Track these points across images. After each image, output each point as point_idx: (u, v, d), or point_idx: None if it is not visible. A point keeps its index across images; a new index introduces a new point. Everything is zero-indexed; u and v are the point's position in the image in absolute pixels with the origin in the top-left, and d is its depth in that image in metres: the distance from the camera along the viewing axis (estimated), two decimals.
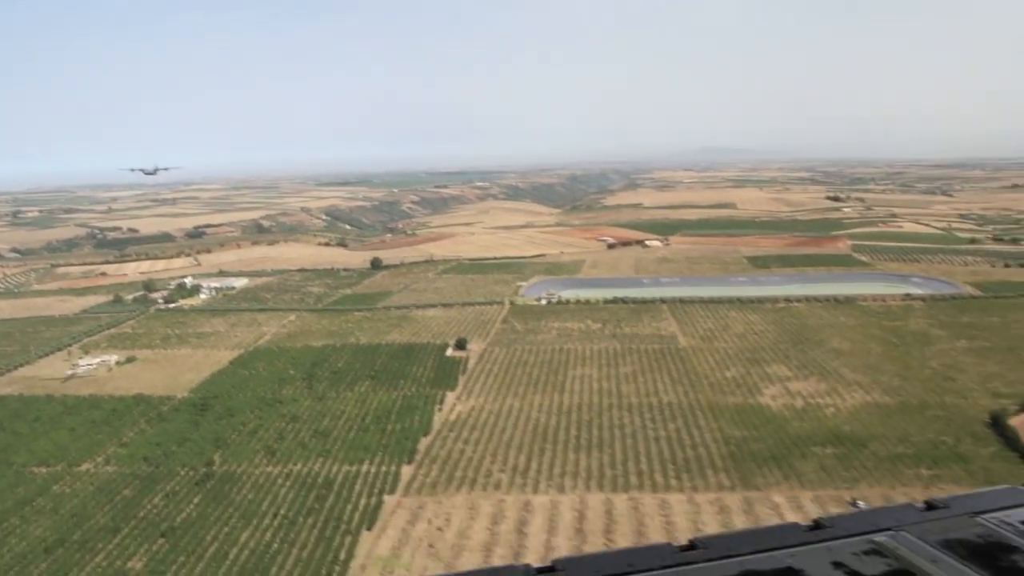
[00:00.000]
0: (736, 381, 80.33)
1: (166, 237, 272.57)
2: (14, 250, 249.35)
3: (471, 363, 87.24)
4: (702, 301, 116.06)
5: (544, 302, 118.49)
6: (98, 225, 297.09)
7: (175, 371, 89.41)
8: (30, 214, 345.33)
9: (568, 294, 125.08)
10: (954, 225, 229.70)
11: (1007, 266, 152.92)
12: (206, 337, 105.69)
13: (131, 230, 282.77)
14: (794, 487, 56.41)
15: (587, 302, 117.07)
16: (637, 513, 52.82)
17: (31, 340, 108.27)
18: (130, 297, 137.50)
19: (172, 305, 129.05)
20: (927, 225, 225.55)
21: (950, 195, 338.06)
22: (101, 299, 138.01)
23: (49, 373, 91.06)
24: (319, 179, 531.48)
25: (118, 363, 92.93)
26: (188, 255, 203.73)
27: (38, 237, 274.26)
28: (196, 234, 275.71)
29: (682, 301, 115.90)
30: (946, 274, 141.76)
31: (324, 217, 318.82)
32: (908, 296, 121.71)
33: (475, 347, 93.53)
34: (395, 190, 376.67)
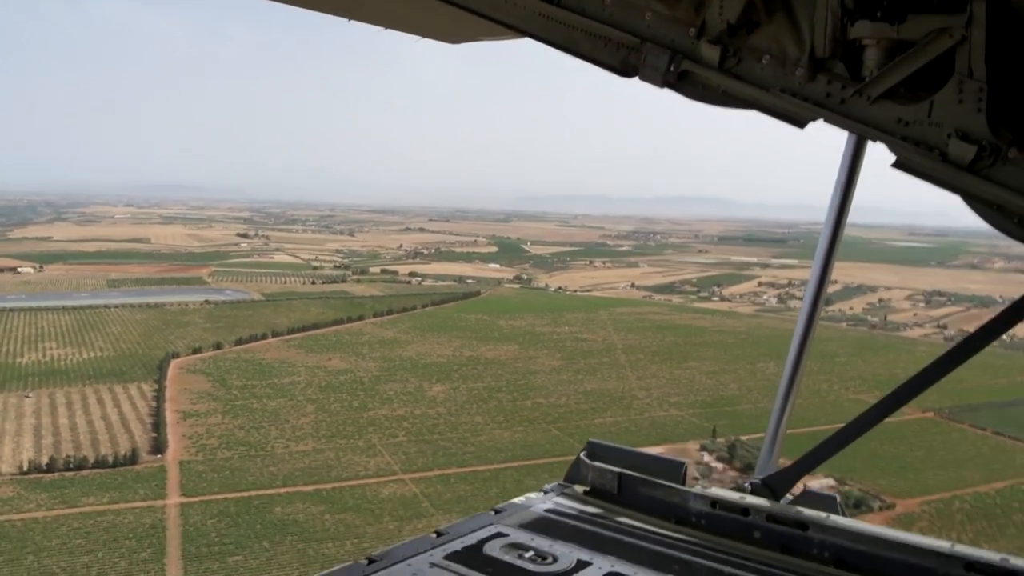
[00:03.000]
0: None
1: None
2: None
3: None
4: (24, 308, 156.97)
5: None
6: None
7: None
8: None
9: None
10: (321, 258, 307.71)
11: (313, 283, 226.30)
12: None
13: None
14: None
15: None
16: None
17: None
18: None
19: None
20: (296, 257, 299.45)
21: (352, 235, 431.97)
22: None
23: None
24: None
25: None
26: None
27: None
28: None
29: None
30: (258, 289, 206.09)
31: None
32: (207, 301, 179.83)
33: None
34: None
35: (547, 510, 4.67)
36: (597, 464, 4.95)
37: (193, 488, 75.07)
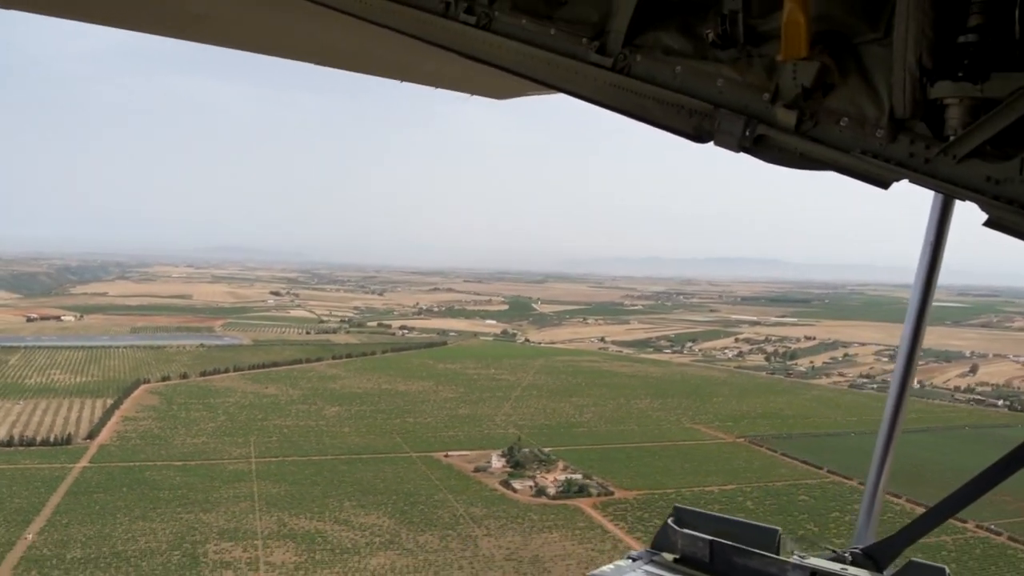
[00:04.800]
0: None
1: None
2: None
3: None
4: (47, 347, 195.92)
5: None
6: None
7: None
8: None
9: None
10: (335, 313, 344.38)
11: (307, 333, 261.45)
12: None
13: None
14: None
15: None
16: None
17: None
18: None
19: None
20: (311, 312, 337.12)
21: (380, 294, 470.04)
22: None
23: None
24: None
25: None
26: None
27: None
28: None
29: (29, 347, 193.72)
30: (254, 337, 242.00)
31: None
32: (201, 345, 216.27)
33: None
34: None
35: None
36: (687, 531, 5.04)
37: (98, 459, 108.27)
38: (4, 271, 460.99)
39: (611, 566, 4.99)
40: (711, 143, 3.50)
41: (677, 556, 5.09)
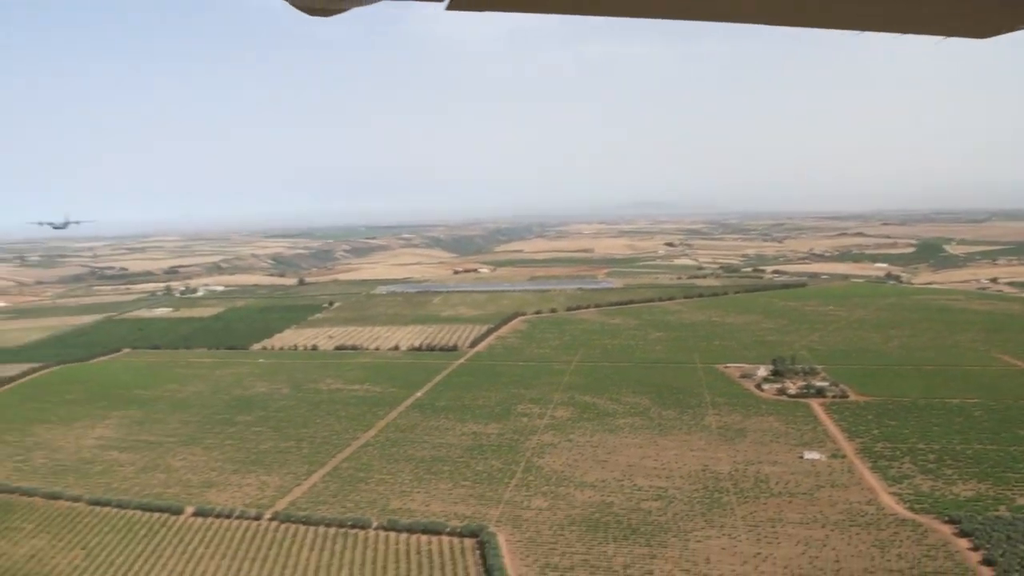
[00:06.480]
0: (435, 306, 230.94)
1: (149, 273, 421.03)
2: (38, 282, 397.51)
3: (335, 306, 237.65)
4: (462, 291, 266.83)
5: (384, 292, 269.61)
6: (95, 265, 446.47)
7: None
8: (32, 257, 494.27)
9: (397, 288, 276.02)
10: (719, 260, 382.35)
11: (679, 278, 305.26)
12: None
13: (122, 268, 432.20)
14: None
15: (401, 293, 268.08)
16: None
17: None
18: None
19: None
20: (694, 260, 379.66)
21: (779, 241, 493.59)
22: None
23: None
24: (266, 232, 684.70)
25: None
26: (177, 282, 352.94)
27: (51, 274, 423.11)
28: (172, 271, 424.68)
29: (449, 291, 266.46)
30: (627, 283, 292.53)
31: (270, 261, 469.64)
32: (579, 288, 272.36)
33: (338, 305, 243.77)
34: (331, 241, 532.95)
35: None
36: None
37: (471, 360, 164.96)
38: (447, 236, 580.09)
39: None
40: None
41: None
